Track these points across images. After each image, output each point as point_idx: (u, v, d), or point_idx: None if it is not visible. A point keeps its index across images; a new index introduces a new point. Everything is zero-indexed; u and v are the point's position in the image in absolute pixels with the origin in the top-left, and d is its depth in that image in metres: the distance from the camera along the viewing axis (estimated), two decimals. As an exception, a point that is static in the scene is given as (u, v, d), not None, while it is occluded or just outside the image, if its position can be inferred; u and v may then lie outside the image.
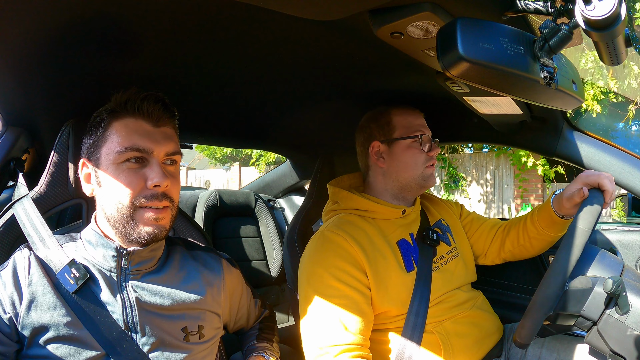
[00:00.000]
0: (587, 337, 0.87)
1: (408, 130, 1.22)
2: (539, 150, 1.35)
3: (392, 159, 1.22)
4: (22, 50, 0.89)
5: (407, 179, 1.21)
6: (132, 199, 0.82)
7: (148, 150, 0.84)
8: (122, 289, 0.85)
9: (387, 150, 1.22)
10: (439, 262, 1.19)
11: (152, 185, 0.83)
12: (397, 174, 1.21)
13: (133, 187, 0.82)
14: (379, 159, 1.23)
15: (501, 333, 1.24)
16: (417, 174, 1.21)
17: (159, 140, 0.85)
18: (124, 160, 0.83)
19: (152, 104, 0.86)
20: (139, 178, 0.83)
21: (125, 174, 0.82)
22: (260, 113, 1.51)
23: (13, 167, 1.20)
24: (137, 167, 0.83)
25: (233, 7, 0.75)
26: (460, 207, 1.43)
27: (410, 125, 1.22)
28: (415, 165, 1.21)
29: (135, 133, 0.84)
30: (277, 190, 2.39)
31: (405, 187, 1.22)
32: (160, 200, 0.84)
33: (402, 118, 1.23)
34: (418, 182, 1.22)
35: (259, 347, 1.06)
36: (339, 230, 1.12)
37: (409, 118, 1.24)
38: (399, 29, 0.75)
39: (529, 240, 1.25)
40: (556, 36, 0.66)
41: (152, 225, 0.83)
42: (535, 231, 1.23)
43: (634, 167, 1.19)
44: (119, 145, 0.83)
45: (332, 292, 1.04)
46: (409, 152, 1.21)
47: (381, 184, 1.24)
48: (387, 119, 1.23)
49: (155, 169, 0.84)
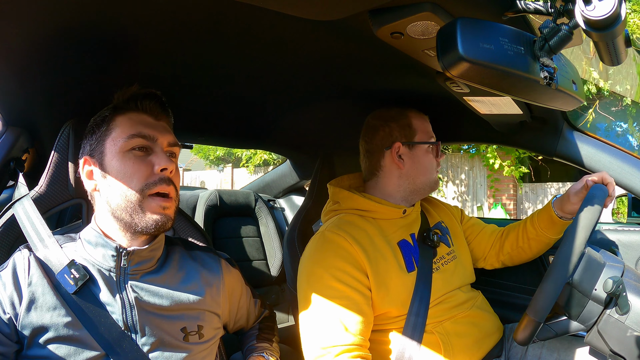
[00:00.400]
0: (587, 337, 0.87)
1: (427, 135, 1.25)
2: (539, 150, 1.35)
3: (412, 162, 1.23)
4: (22, 50, 0.89)
5: (423, 182, 1.23)
6: (141, 185, 0.84)
7: (153, 138, 0.87)
8: (121, 289, 0.85)
9: (407, 153, 1.23)
10: (439, 262, 1.19)
11: (159, 169, 0.85)
12: (415, 177, 1.23)
13: (141, 174, 0.84)
14: (398, 160, 1.23)
15: (501, 333, 1.24)
16: (432, 179, 1.25)
17: (161, 131, 0.90)
18: (130, 149, 0.85)
19: (152, 101, 0.91)
20: (146, 165, 0.85)
21: (132, 162, 0.85)
22: (260, 113, 1.51)
23: (13, 167, 1.20)
24: (142, 154, 0.86)
25: (233, 7, 0.75)
26: (460, 212, 1.44)
27: (427, 131, 1.26)
28: (431, 169, 1.24)
29: (139, 123, 0.88)
30: (277, 190, 2.39)
31: (418, 190, 1.24)
32: (168, 184, 0.86)
33: (420, 123, 1.25)
34: (430, 186, 1.25)
35: (259, 347, 1.06)
36: (339, 230, 1.12)
37: (425, 123, 1.26)
38: (399, 29, 0.75)
39: (527, 242, 1.29)
40: (556, 36, 0.66)
41: (159, 213, 0.85)
42: (534, 232, 1.26)
43: (634, 167, 1.19)
44: (124, 133, 0.86)
45: (332, 293, 1.04)
46: (427, 156, 1.24)
47: (394, 185, 1.24)
48: (407, 121, 1.24)
49: (161, 154, 0.87)
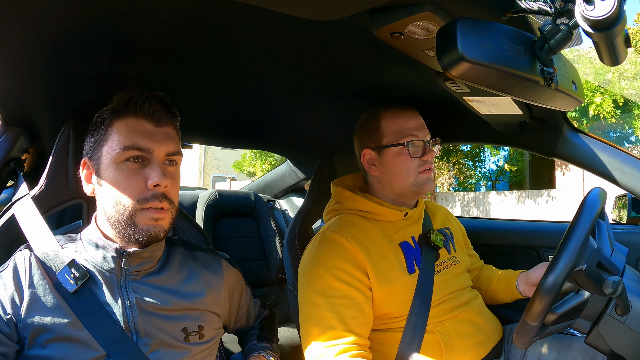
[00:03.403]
0: (587, 338, 0.87)
1: (397, 136, 1.16)
2: (539, 151, 1.35)
3: (383, 167, 1.18)
4: (22, 50, 0.89)
5: (401, 187, 1.17)
6: (133, 200, 0.82)
7: (149, 150, 0.84)
8: (122, 290, 0.85)
9: (377, 158, 1.19)
10: (441, 265, 1.19)
11: (152, 185, 0.82)
12: (390, 182, 1.18)
13: (133, 188, 0.82)
14: (370, 166, 1.21)
15: (501, 333, 1.24)
16: (409, 182, 1.16)
17: (159, 140, 0.86)
18: (124, 160, 0.83)
19: (153, 104, 0.87)
20: (140, 178, 0.83)
21: (126, 174, 0.83)
22: (260, 113, 1.51)
23: (13, 167, 1.20)
24: (137, 167, 0.84)
25: (232, 7, 0.75)
26: (465, 234, 1.42)
27: (400, 130, 1.16)
28: (407, 172, 1.15)
29: (136, 132, 0.84)
30: (277, 190, 2.39)
31: (401, 194, 1.19)
32: (160, 200, 0.83)
33: (392, 122, 1.17)
34: (412, 190, 1.17)
35: (259, 347, 1.07)
36: (340, 230, 1.12)
37: (399, 122, 1.17)
38: (399, 29, 0.75)
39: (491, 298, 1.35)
40: (556, 36, 0.66)
41: (151, 225, 0.83)
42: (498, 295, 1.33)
43: (634, 167, 1.19)
44: (120, 144, 0.83)
45: (333, 292, 1.04)
46: (398, 159, 1.15)
47: (378, 190, 1.23)
48: (376, 124, 1.19)
49: (156, 168, 0.84)
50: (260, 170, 11.54)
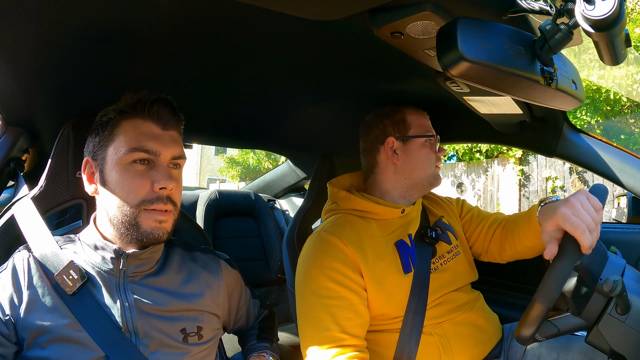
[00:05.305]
0: (587, 337, 0.87)
1: (422, 130, 1.24)
2: (539, 150, 1.35)
3: (406, 156, 1.23)
4: (22, 50, 0.89)
5: (420, 177, 1.23)
6: (138, 201, 0.82)
7: (156, 152, 0.84)
8: (120, 291, 0.85)
9: (401, 147, 1.24)
10: (438, 262, 1.18)
11: (158, 188, 0.83)
12: (411, 172, 1.23)
13: (139, 189, 0.82)
14: (392, 155, 1.24)
15: (500, 333, 1.23)
16: (429, 172, 1.23)
17: (166, 143, 0.86)
18: (131, 162, 0.83)
19: (162, 107, 0.87)
20: (145, 180, 0.83)
21: (132, 176, 0.83)
22: (260, 113, 1.51)
23: (13, 167, 1.20)
24: (143, 169, 0.84)
25: (233, 7, 0.75)
26: (460, 205, 1.40)
27: (423, 125, 1.25)
28: (428, 163, 1.23)
29: (143, 134, 0.84)
30: (277, 190, 2.39)
31: (415, 185, 1.23)
32: (165, 203, 0.84)
33: (416, 118, 1.26)
34: (429, 180, 1.24)
35: (259, 347, 1.06)
36: (335, 231, 1.12)
37: (422, 118, 1.27)
38: (399, 28, 0.75)
39: (528, 250, 1.18)
40: (556, 36, 0.66)
41: (155, 227, 0.84)
42: (530, 242, 1.16)
43: (634, 167, 1.19)
44: (127, 145, 0.83)
45: (327, 293, 1.04)
46: (423, 150, 1.23)
47: (390, 181, 1.24)
48: (402, 116, 1.25)
49: (162, 171, 0.84)
50: (229, 177, 15.25)
